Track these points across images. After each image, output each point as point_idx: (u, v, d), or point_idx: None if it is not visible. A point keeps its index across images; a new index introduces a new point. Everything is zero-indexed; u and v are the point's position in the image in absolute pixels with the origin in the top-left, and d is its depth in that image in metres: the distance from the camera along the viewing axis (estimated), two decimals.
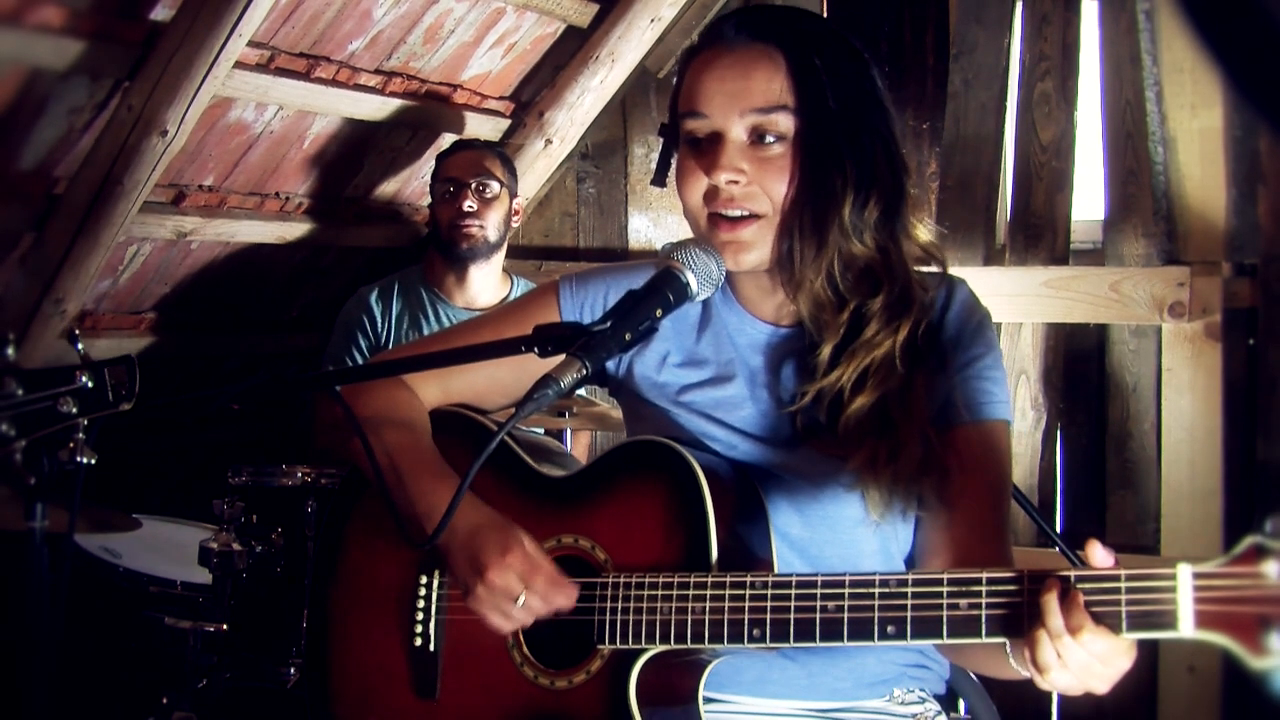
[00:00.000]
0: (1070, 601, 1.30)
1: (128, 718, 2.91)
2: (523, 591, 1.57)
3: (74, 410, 1.51)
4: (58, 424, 1.51)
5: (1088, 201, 3.54)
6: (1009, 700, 2.37)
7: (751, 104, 1.58)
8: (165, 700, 2.77)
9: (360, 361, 3.43)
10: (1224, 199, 3.27)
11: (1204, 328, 3.25)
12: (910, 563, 1.70)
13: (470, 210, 3.42)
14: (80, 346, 1.58)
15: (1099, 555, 1.32)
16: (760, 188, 1.59)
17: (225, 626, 2.76)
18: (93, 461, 1.53)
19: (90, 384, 1.52)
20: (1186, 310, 3.25)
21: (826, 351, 1.61)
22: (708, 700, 1.64)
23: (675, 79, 1.70)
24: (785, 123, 1.58)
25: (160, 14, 2.86)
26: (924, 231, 1.68)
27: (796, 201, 1.59)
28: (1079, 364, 3.50)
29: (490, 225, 3.44)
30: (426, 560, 1.73)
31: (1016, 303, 3.43)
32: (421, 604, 1.73)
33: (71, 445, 1.51)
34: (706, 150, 1.61)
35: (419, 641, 1.71)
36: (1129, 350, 3.41)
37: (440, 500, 1.61)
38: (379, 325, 3.49)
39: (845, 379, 1.60)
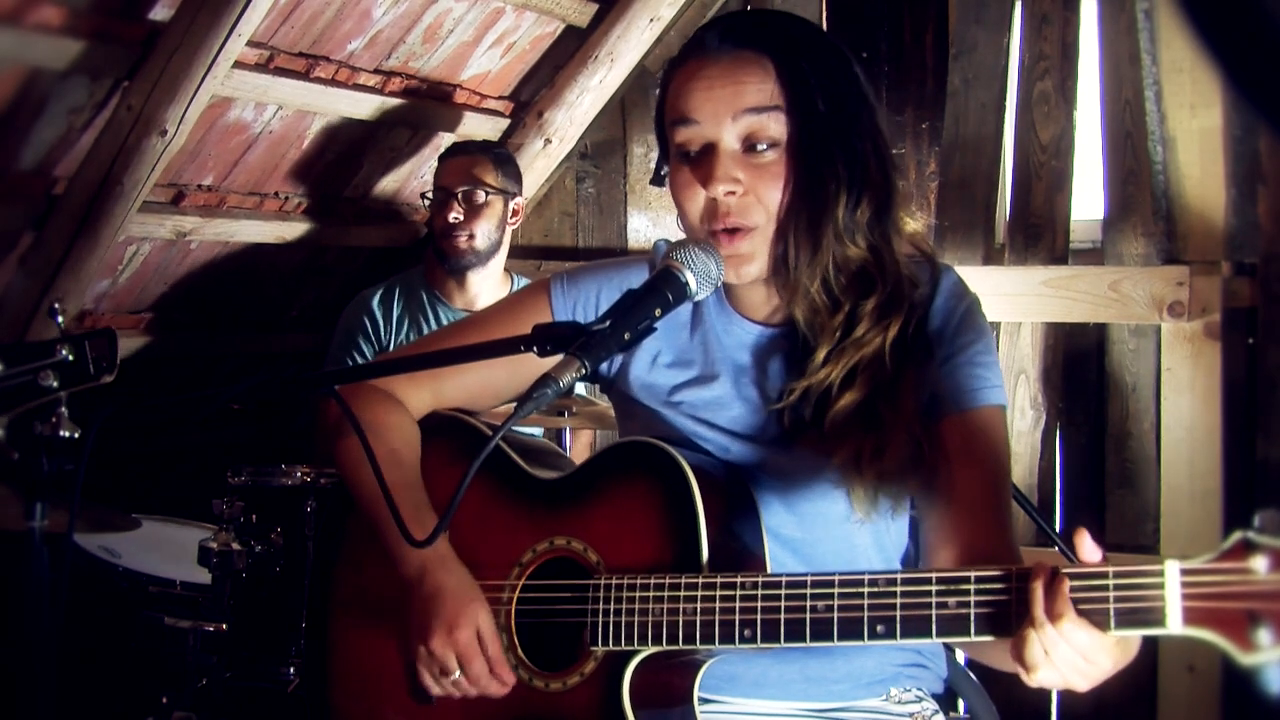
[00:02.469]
0: (1055, 590, 1.29)
1: (128, 718, 2.91)
2: (456, 671, 1.59)
3: (55, 384, 1.50)
4: (39, 398, 1.50)
5: (1087, 201, 3.54)
6: (1009, 700, 2.36)
7: (744, 105, 1.57)
8: (165, 700, 2.77)
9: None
10: (1224, 199, 3.27)
11: (1203, 327, 3.25)
12: (916, 559, 1.69)
13: (456, 221, 3.38)
14: (60, 320, 1.57)
15: (1088, 546, 1.32)
16: (755, 197, 1.58)
17: (225, 626, 2.76)
18: (76, 435, 1.51)
19: (71, 357, 1.51)
20: (1186, 310, 3.25)
21: (821, 355, 1.60)
22: (705, 701, 1.64)
23: (658, 93, 1.68)
24: (777, 126, 1.58)
25: (160, 14, 2.86)
26: (912, 223, 1.67)
27: (791, 207, 1.58)
28: (1078, 364, 3.49)
29: (480, 233, 3.40)
30: None
31: (1016, 302, 3.43)
32: None
33: (54, 420, 1.51)
34: (700, 163, 1.60)
35: None
36: (1128, 350, 3.41)
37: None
38: (381, 329, 3.47)
39: (834, 376, 1.59)
